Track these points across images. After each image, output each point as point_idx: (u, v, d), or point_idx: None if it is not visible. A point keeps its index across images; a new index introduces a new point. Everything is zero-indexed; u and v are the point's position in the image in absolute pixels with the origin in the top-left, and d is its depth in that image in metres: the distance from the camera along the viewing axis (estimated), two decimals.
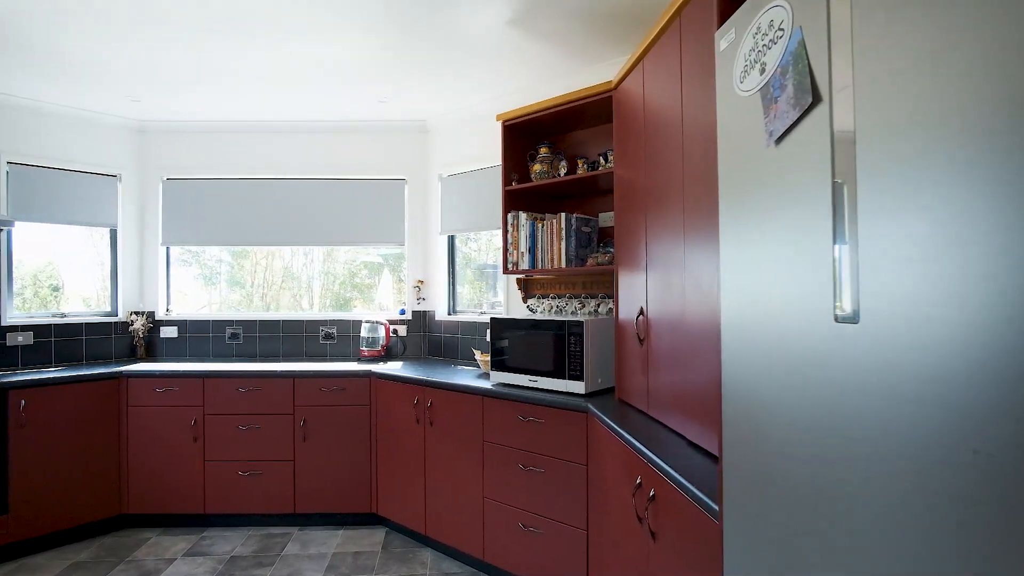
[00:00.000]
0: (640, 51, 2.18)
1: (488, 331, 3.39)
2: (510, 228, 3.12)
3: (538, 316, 3.01)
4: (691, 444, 1.76)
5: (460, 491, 2.95)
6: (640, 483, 1.78)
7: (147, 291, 4.21)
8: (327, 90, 3.52)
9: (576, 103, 2.82)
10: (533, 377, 2.76)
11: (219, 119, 4.12)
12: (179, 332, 4.17)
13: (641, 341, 2.19)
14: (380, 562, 3.04)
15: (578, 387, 2.58)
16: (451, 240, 4.14)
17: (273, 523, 3.54)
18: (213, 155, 4.21)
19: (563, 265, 2.89)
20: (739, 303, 1.10)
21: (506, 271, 3.16)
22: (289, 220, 4.21)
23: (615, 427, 2.03)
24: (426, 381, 3.11)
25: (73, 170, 3.90)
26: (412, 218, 4.20)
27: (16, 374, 3.36)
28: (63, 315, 3.88)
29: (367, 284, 4.60)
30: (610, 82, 2.63)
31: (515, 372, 2.84)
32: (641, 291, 2.20)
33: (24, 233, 3.76)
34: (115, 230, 4.10)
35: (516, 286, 3.51)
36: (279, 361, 3.95)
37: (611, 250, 2.86)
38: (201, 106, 3.84)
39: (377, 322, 3.94)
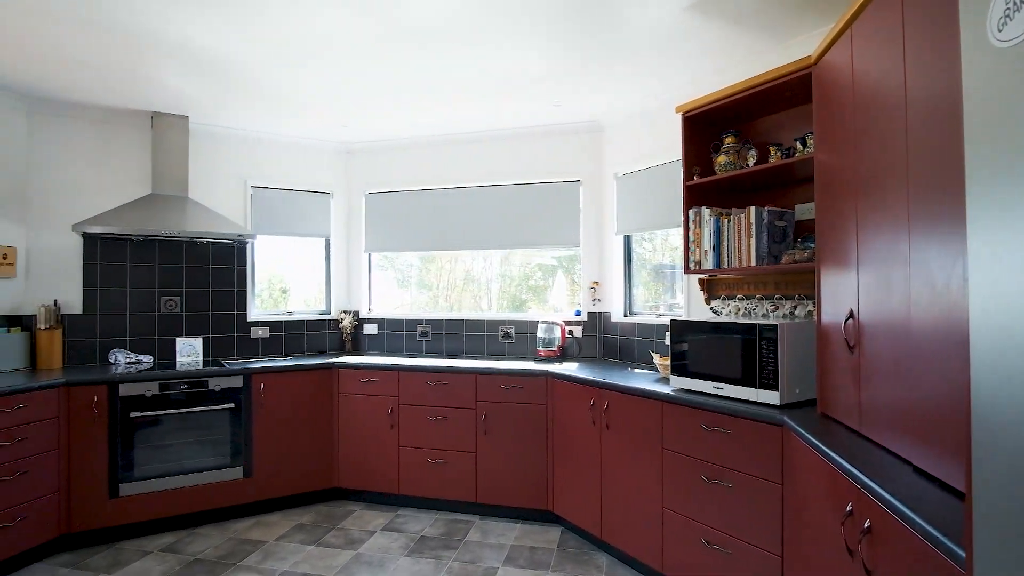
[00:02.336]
0: (847, 16, 1.90)
1: (667, 334, 3.25)
2: (692, 225, 2.95)
3: (723, 319, 2.80)
4: (918, 471, 1.48)
5: (637, 498, 2.86)
6: (851, 510, 1.55)
7: (353, 293, 4.77)
8: (506, 98, 3.66)
9: (767, 85, 2.57)
10: (718, 384, 2.57)
11: (410, 136, 4.52)
12: (378, 329, 4.66)
13: (851, 348, 1.91)
14: (556, 560, 3.07)
15: (771, 397, 2.34)
16: (627, 240, 4.05)
17: (456, 509, 3.76)
18: (405, 169, 4.63)
19: (752, 263, 2.65)
20: (995, 305, 0.88)
21: (687, 271, 3.00)
22: (471, 226, 4.47)
23: (819, 444, 1.80)
24: (602, 383, 3.07)
25: (297, 189, 4.57)
26: (587, 219, 4.20)
27: (257, 361, 4.02)
28: (290, 313, 4.56)
29: (541, 286, 4.69)
30: (808, 57, 2.35)
31: (697, 378, 2.67)
32: (850, 291, 1.93)
33: (261, 245, 4.49)
34: (328, 240, 4.72)
35: (698, 287, 3.31)
36: (462, 358, 4.21)
37: (811, 245, 2.56)
38: (395, 126, 4.25)
39: (553, 323, 4.00)
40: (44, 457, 3.07)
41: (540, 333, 4.02)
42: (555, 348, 3.97)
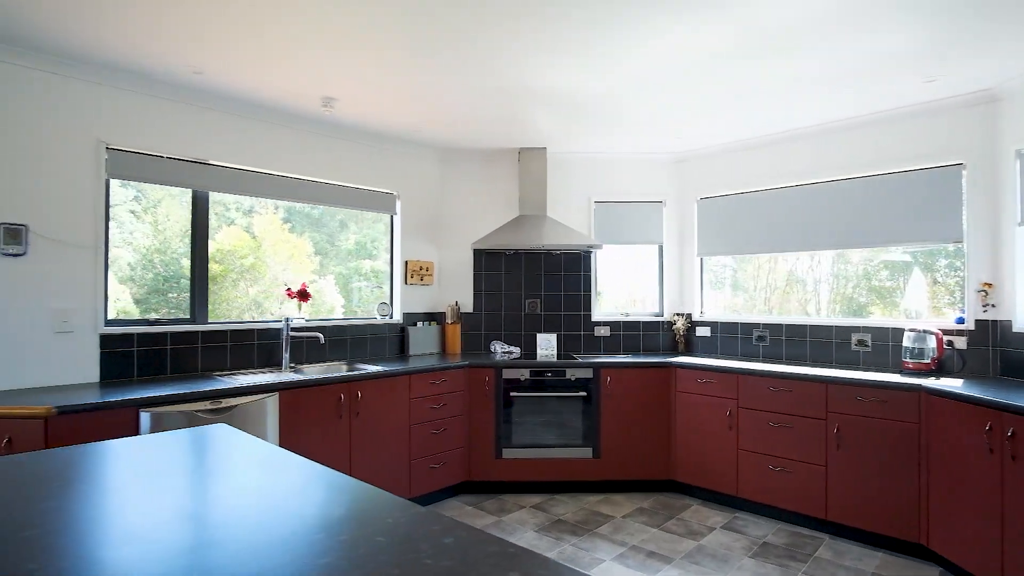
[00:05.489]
0: None
1: None
2: None
3: None
4: None
5: None
6: None
7: (684, 296, 4.93)
8: (859, 84, 3.33)
9: None
10: None
11: (742, 138, 4.46)
12: (711, 332, 4.71)
13: None
14: None
15: None
16: None
17: (799, 523, 3.57)
18: (737, 172, 4.59)
19: None
20: None
21: None
22: (813, 224, 4.17)
23: None
24: (1008, 404, 2.55)
25: (632, 201, 4.97)
26: (972, 208, 3.50)
27: (602, 357, 4.50)
28: (627, 315, 4.96)
29: (888, 287, 4.06)
30: None
31: None
32: None
33: (602, 253, 5.00)
34: (661, 246, 4.98)
35: None
36: (806, 365, 3.96)
37: None
38: (727, 130, 4.26)
39: (926, 331, 3.45)
40: (455, 420, 4.05)
41: (907, 342, 3.51)
42: (928, 361, 3.41)
